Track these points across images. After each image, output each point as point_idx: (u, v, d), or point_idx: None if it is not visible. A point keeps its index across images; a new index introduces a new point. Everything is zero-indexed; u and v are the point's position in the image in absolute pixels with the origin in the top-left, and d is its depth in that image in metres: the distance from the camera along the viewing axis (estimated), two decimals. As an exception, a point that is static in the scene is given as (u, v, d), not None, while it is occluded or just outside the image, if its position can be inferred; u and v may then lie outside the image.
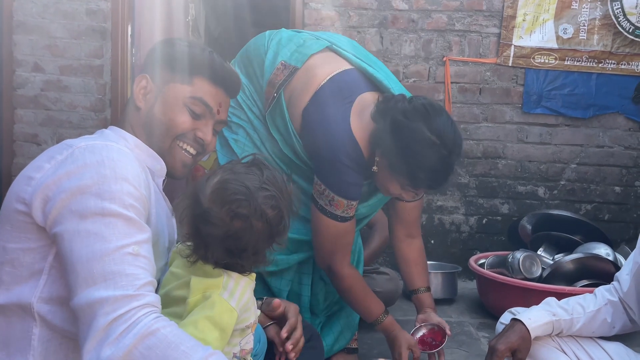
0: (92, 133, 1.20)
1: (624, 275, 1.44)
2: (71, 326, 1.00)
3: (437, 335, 1.75)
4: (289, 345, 1.28)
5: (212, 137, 1.22)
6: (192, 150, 1.22)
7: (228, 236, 1.02)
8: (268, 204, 1.03)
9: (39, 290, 1.00)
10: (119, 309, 0.90)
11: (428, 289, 1.87)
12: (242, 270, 1.09)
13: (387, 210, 1.99)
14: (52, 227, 0.97)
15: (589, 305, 1.43)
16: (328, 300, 1.97)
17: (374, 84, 1.71)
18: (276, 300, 1.32)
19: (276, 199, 1.04)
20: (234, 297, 1.05)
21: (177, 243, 1.15)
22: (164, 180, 1.23)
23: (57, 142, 3.22)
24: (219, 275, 1.06)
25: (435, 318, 1.79)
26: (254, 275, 1.14)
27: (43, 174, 1.00)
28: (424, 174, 1.47)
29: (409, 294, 1.95)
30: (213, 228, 1.01)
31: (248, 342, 1.16)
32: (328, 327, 1.95)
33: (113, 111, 3.06)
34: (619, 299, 1.44)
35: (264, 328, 1.35)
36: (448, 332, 1.73)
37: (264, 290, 1.90)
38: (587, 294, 1.48)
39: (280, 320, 1.36)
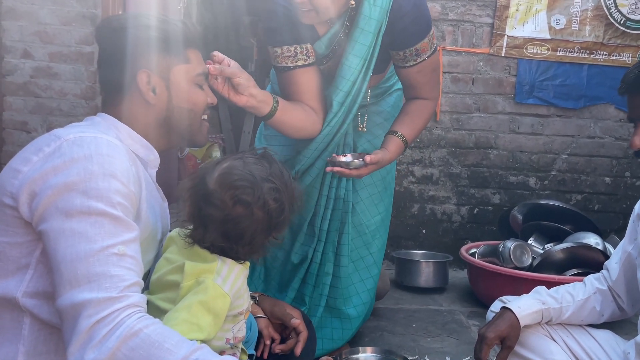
0: (82, 121, 1.18)
1: (613, 264, 1.45)
2: (58, 320, 0.99)
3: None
4: (277, 348, 1.33)
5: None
6: (206, 117, 1.26)
7: (228, 220, 1.04)
8: (271, 196, 1.05)
9: (24, 284, 0.99)
10: (102, 312, 0.89)
11: (402, 136, 1.75)
12: (236, 257, 1.10)
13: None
14: (38, 223, 0.96)
15: (578, 293, 1.45)
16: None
17: None
18: (295, 320, 1.33)
19: (280, 192, 1.07)
20: (227, 282, 1.06)
21: (176, 229, 1.15)
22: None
23: (47, 130, 3.17)
24: (213, 260, 1.07)
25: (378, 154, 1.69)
26: (247, 263, 1.14)
27: (30, 167, 0.98)
28: None
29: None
30: (214, 210, 1.03)
31: (241, 329, 1.16)
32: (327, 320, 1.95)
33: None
34: (608, 287, 1.46)
35: (255, 318, 1.35)
36: (366, 157, 1.64)
37: (286, 266, 1.93)
38: (577, 282, 1.49)
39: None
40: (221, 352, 1.10)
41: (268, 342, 1.33)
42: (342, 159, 1.69)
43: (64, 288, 0.91)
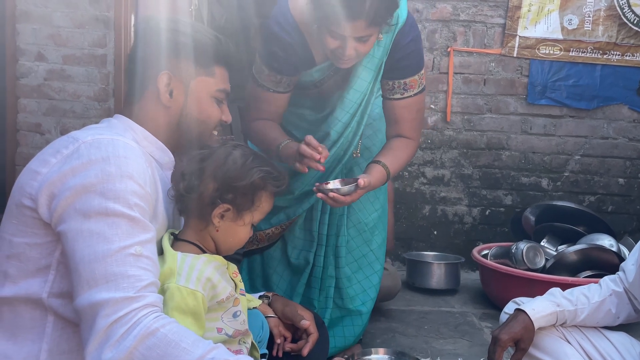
0: (95, 123, 1.19)
1: (629, 266, 1.44)
2: None
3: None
4: (287, 347, 1.33)
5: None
6: (216, 132, 1.27)
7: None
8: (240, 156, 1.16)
9: (49, 285, 1.01)
10: (120, 311, 0.90)
11: (385, 166, 1.72)
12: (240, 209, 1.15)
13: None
14: (57, 224, 0.97)
15: (593, 295, 1.43)
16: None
17: None
18: (304, 322, 1.34)
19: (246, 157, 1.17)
20: (190, 279, 1.07)
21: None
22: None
23: (61, 132, 3.21)
24: (172, 258, 1.08)
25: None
26: (217, 256, 1.17)
27: (49, 169, 1.00)
28: (337, 1, 1.45)
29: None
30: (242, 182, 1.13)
31: (237, 320, 1.17)
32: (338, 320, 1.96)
33: (116, 101, 3.05)
34: (624, 289, 1.45)
35: (265, 317, 1.36)
36: (360, 181, 1.59)
37: (290, 269, 1.95)
38: (592, 284, 1.48)
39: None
40: (236, 351, 1.10)
41: (279, 341, 1.34)
42: (330, 186, 1.60)
43: (82, 288, 0.93)
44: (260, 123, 1.79)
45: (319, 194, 1.58)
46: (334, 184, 1.61)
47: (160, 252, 1.12)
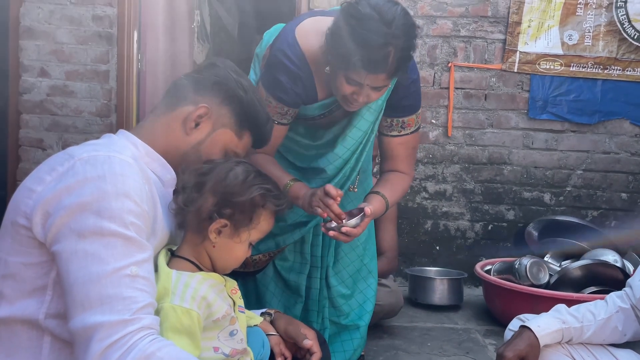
0: (97, 138, 1.19)
1: (636, 282, 1.42)
2: None
3: (355, 216, 1.61)
4: None
5: None
6: None
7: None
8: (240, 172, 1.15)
9: (46, 306, 0.98)
10: (114, 335, 0.88)
11: (384, 196, 1.72)
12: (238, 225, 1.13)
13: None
14: (52, 244, 0.95)
15: (599, 312, 1.42)
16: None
17: None
18: (307, 341, 1.31)
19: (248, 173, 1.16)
20: (185, 298, 1.05)
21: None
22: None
23: (62, 147, 3.22)
24: (166, 276, 1.07)
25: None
26: (213, 274, 1.15)
27: (44, 187, 0.98)
28: (361, 51, 1.44)
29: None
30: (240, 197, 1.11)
31: (234, 339, 1.15)
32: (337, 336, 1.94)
33: (119, 116, 3.06)
34: (631, 305, 1.43)
35: (267, 335, 1.34)
36: (366, 209, 1.59)
37: (284, 289, 1.93)
38: (598, 300, 1.46)
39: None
40: None
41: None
42: (334, 224, 1.57)
43: (76, 310, 0.90)
44: (259, 158, 1.74)
45: (330, 233, 1.56)
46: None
47: (156, 268, 1.11)
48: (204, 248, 1.15)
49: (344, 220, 1.56)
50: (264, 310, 1.43)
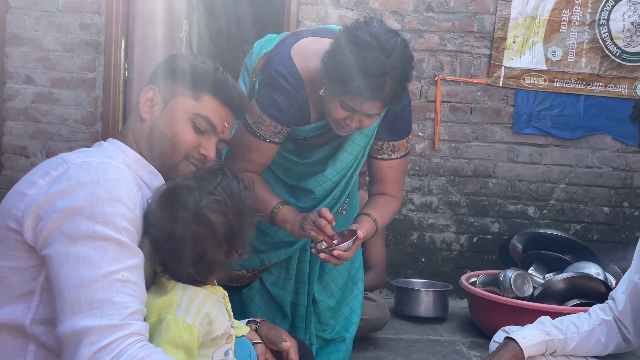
0: (82, 146, 1.19)
1: (619, 294, 1.44)
2: None
3: (347, 239, 1.60)
4: None
5: (214, 155, 1.22)
6: (194, 168, 1.21)
7: (170, 240, 1.02)
8: (211, 209, 1.02)
9: (32, 311, 0.97)
10: (104, 339, 0.87)
11: (374, 218, 1.72)
12: (194, 280, 1.07)
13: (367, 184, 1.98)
14: (42, 248, 0.95)
15: (583, 324, 1.43)
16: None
17: None
18: (285, 344, 1.30)
19: (222, 205, 1.03)
20: (189, 313, 1.03)
21: None
22: None
23: (47, 155, 3.18)
24: (172, 289, 1.05)
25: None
26: (218, 288, 1.13)
27: (36, 190, 0.98)
28: (358, 78, 1.44)
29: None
30: (156, 230, 1.02)
31: (226, 355, 1.14)
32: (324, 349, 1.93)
33: (104, 124, 3.04)
34: (614, 317, 1.45)
35: (252, 344, 1.33)
36: (359, 232, 1.58)
37: (269, 302, 1.91)
38: (581, 313, 1.48)
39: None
40: None
41: None
42: (324, 245, 1.56)
43: (66, 314, 0.90)
44: (248, 177, 1.74)
45: (322, 255, 1.54)
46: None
47: (153, 279, 1.10)
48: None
49: (335, 242, 1.55)
50: (250, 319, 1.43)
